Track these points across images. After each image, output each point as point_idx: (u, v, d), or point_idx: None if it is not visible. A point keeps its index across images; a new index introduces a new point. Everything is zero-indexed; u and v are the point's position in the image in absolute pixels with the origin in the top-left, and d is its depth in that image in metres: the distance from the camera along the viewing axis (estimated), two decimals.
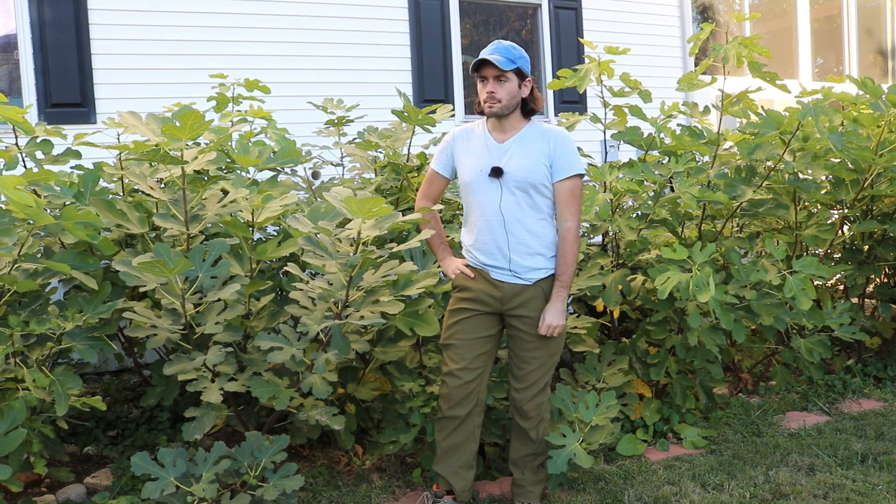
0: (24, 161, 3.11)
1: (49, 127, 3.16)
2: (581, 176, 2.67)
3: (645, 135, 3.59)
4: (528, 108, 2.67)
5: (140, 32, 4.92)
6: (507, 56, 2.57)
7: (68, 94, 4.70)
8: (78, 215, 2.56)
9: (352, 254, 2.51)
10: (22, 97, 4.64)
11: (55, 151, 3.14)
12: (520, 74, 2.61)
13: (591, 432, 2.93)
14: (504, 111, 2.61)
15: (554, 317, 2.65)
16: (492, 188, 2.64)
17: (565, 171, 2.63)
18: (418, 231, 2.84)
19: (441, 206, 2.87)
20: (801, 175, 3.71)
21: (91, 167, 3.06)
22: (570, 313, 4.05)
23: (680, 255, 3.07)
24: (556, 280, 2.68)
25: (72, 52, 4.69)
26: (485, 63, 2.57)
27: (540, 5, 6.56)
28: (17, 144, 3.11)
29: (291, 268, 2.68)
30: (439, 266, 2.87)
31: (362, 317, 2.62)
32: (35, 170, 2.95)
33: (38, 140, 3.09)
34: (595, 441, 2.92)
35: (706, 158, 3.76)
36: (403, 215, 2.61)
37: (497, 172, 2.62)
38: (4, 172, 2.86)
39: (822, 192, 3.77)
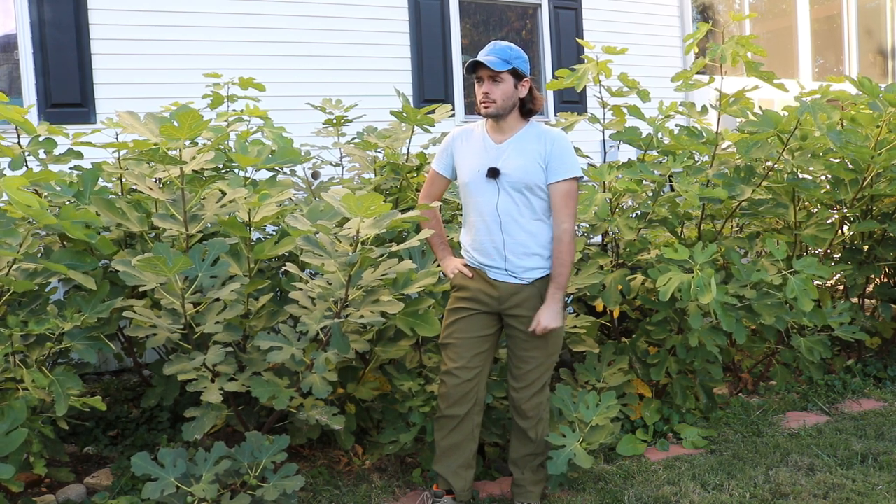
0: (26, 160, 3.12)
1: (52, 126, 3.16)
2: (577, 179, 2.66)
3: (644, 135, 3.59)
4: (527, 109, 2.66)
5: (140, 32, 4.92)
6: (502, 57, 2.56)
7: (68, 94, 4.70)
8: (77, 214, 2.56)
9: (350, 253, 2.51)
10: (22, 97, 4.65)
11: (56, 151, 3.14)
12: (516, 75, 2.60)
13: (592, 432, 2.93)
14: (500, 112, 2.61)
15: (549, 319, 2.61)
16: (489, 189, 2.64)
17: (560, 173, 2.62)
18: (418, 231, 2.84)
19: (439, 203, 2.86)
20: (799, 174, 3.71)
21: (90, 167, 3.07)
22: (570, 313, 4.05)
23: (681, 255, 3.07)
24: (552, 282, 2.65)
25: (72, 52, 4.69)
26: (479, 64, 2.56)
27: (540, 5, 6.56)
28: (19, 143, 3.11)
29: (290, 267, 2.68)
30: (438, 265, 2.87)
31: (362, 316, 2.62)
32: (38, 169, 2.95)
33: (41, 139, 3.10)
34: (595, 441, 2.92)
35: (705, 158, 3.76)
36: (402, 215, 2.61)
37: (494, 173, 2.62)
38: (8, 171, 2.87)
39: (822, 190, 3.77)
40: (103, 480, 3.02)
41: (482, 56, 2.57)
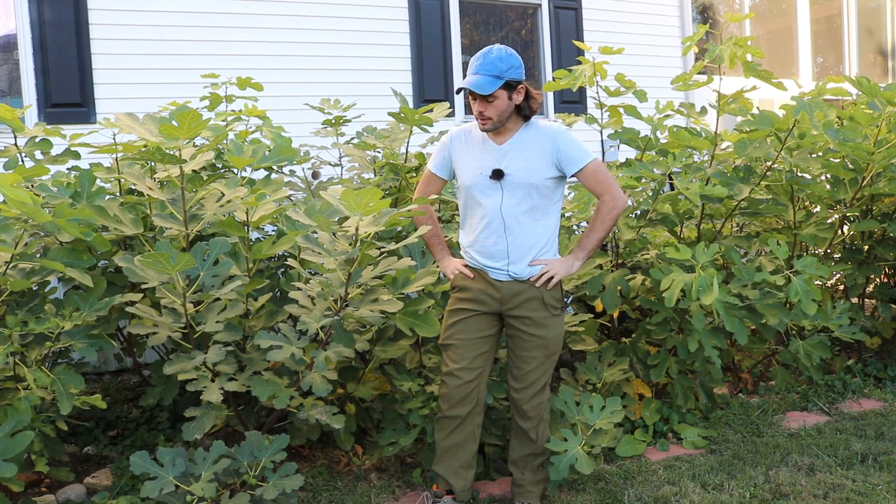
0: (23, 162, 3.12)
1: (48, 127, 3.16)
2: (594, 159, 2.67)
3: (642, 135, 3.59)
4: (524, 114, 2.63)
5: (140, 32, 4.92)
6: (493, 73, 2.52)
7: (68, 94, 4.70)
8: (72, 212, 2.56)
9: (350, 250, 2.51)
10: (22, 97, 4.65)
11: (54, 152, 3.14)
12: (509, 86, 2.55)
13: (594, 435, 2.93)
14: (497, 125, 2.60)
15: (557, 267, 2.66)
16: (493, 190, 2.64)
17: (578, 162, 2.63)
18: (416, 230, 2.84)
19: (436, 196, 2.85)
20: (798, 173, 3.71)
21: (88, 168, 3.07)
22: (570, 313, 4.05)
23: (683, 254, 3.06)
24: (578, 243, 2.72)
25: (72, 52, 4.69)
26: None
27: (540, 5, 6.56)
28: (16, 145, 3.11)
29: (292, 262, 2.68)
30: (437, 265, 2.87)
31: (361, 314, 2.62)
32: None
33: (37, 140, 3.09)
34: (597, 444, 2.91)
35: (705, 157, 3.76)
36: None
37: (498, 175, 2.62)
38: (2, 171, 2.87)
39: (822, 190, 3.76)
40: (103, 480, 3.02)
41: (469, 78, 2.53)
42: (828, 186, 3.84)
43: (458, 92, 2.62)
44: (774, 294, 3.30)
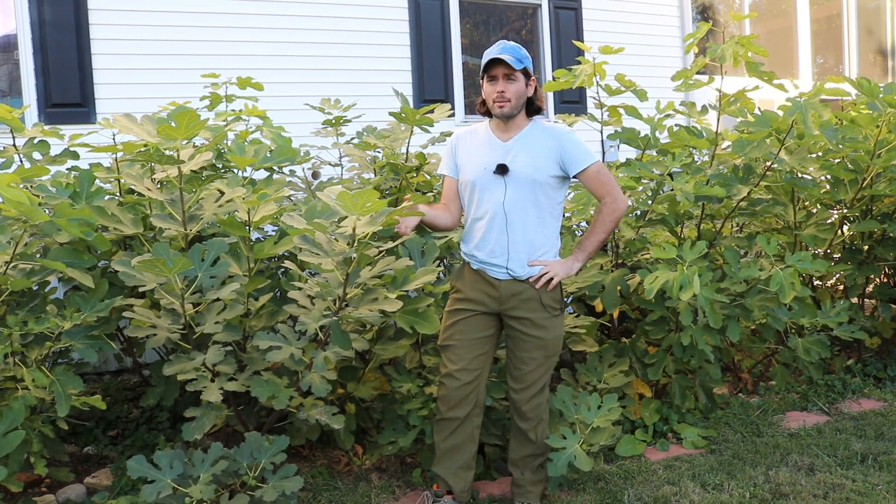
0: (21, 162, 3.11)
1: (47, 127, 3.15)
2: (597, 161, 2.68)
3: (642, 135, 3.59)
4: (534, 107, 2.70)
5: (140, 32, 4.92)
6: (516, 56, 2.60)
7: (68, 94, 4.70)
8: (72, 212, 2.56)
9: (347, 250, 2.51)
10: (22, 97, 4.65)
11: (53, 152, 3.13)
12: (526, 74, 2.65)
13: (592, 434, 2.93)
14: (513, 111, 2.64)
15: (556, 269, 2.66)
16: (496, 186, 2.65)
17: (581, 162, 2.65)
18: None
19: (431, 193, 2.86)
20: (798, 174, 3.71)
21: (88, 168, 3.06)
22: (570, 313, 4.04)
23: (669, 253, 3.07)
24: (577, 244, 2.74)
25: (72, 52, 4.69)
26: (495, 63, 2.58)
27: (540, 5, 6.56)
28: (14, 146, 3.11)
29: (289, 265, 2.68)
30: (438, 265, 2.87)
31: (360, 314, 2.62)
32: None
33: (36, 141, 3.09)
34: (596, 442, 2.91)
35: (705, 158, 3.76)
36: None
37: (502, 170, 2.63)
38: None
39: (821, 190, 3.76)
40: (103, 480, 3.02)
41: (497, 54, 2.59)
42: (828, 186, 3.83)
43: (484, 71, 2.62)
44: (766, 291, 3.30)
